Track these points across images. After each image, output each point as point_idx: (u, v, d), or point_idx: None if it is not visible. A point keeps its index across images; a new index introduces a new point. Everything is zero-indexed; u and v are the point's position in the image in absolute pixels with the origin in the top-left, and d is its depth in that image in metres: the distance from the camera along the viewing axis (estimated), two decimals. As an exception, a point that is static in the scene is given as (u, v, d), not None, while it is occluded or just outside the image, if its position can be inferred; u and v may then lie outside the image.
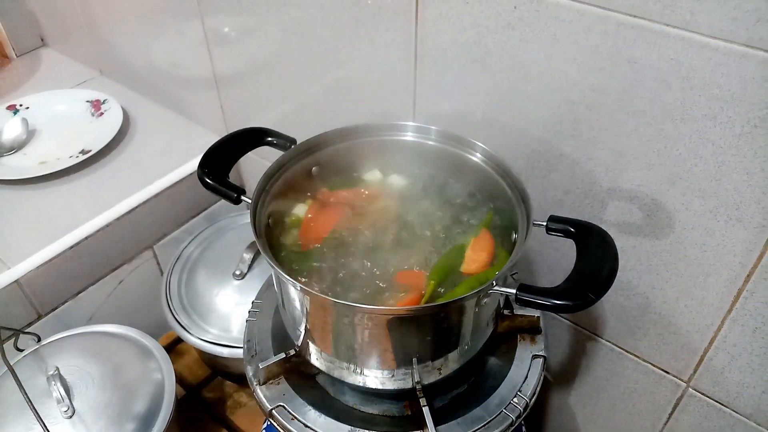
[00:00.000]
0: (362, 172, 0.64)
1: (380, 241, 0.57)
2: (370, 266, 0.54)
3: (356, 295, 0.53)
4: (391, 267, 0.55)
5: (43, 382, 0.77)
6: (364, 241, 0.57)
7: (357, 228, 0.58)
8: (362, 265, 0.55)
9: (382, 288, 0.53)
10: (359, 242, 0.57)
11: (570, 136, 0.65)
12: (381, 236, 0.57)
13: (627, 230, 0.66)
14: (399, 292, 0.53)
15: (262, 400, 0.57)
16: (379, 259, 0.55)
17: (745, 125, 0.53)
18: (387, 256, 0.56)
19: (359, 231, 0.58)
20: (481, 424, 0.54)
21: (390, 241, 0.57)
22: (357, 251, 0.56)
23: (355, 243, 0.57)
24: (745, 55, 0.50)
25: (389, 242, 0.57)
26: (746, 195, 0.56)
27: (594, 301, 0.45)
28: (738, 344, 0.64)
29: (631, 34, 0.55)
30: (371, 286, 0.53)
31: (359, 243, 0.57)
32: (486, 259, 0.54)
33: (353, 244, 0.57)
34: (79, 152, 1.07)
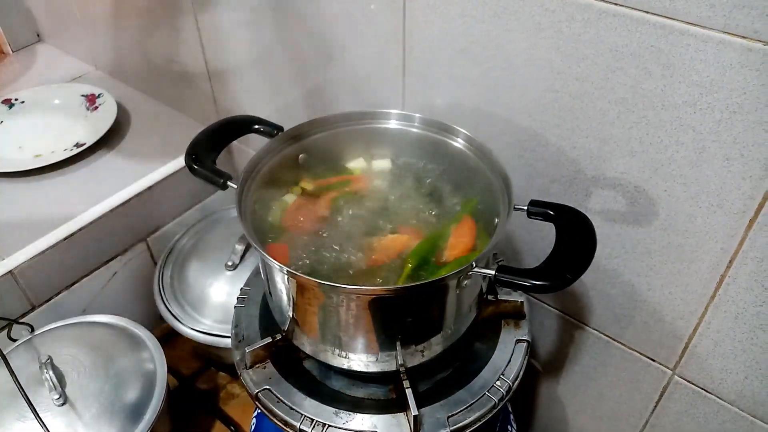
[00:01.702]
0: (348, 159, 0.65)
1: (365, 226, 0.57)
2: (354, 250, 0.55)
3: (340, 278, 0.53)
4: (376, 251, 0.56)
5: (35, 371, 0.78)
6: (349, 227, 0.57)
7: (342, 214, 0.59)
8: (346, 250, 0.55)
9: (365, 271, 0.54)
10: (344, 228, 0.58)
11: (555, 125, 0.66)
12: (365, 222, 0.58)
13: (611, 218, 0.67)
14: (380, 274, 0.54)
15: (249, 383, 0.58)
16: (363, 243, 0.56)
17: (724, 111, 0.53)
18: (372, 240, 0.56)
19: (344, 217, 0.58)
20: (464, 406, 0.55)
21: (375, 227, 0.57)
22: (342, 236, 0.57)
23: (340, 228, 0.58)
24: (722, 41, 0.50)
25: (374, 228, 0.57)
26: (727, 181, 0.56)
27: (571, 281, 0.46)
28: (721, 330, 0.65)
29: (613, 21, 0.55)
30: (355, 268, 0.54)
31: (344, 228, 0.58)
32: (468, 245, 0.55)
33: (338, 229, 0.58)
34: (74, 145, 1.08)
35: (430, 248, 0.54)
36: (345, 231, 0.58)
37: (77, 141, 1.09)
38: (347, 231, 0.58)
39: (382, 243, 0.56)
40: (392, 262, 0.54)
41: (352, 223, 0.58)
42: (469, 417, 0.54)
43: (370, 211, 0.59)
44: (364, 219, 0.59)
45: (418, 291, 0.49)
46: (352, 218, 0.58)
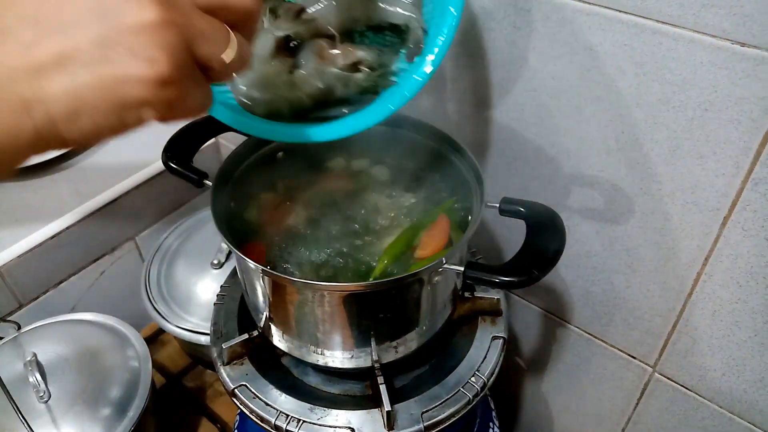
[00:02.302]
0: (326, 158, 0.65)
1: (342, 225, 0.58)
2: (328, 248, 0.56)
3: (314, 275, 0.54)
4: (351, 249, 0.56)
5: (20, 368, 0.78)
6: (323, 225, 0.58)
7: (317, 212, 0.59)
8: (320, 248, 0.56)
9: (341, 269, 0.54)
10: (319, 226, 0.58)
11: (533, 123, 0.66)
12: (342, 221, 0.58)
13: (590, 216, 0.67)
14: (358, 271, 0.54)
15: (226, 379, 0.58)
16: (337, 241, 0.56)
17: (697, 109, 0.54)
18: (347, 239, 0.57)
19: (319, 215, 0.59)
20: (438, 402, 0.55)
21: (350, 225, 0.58)
22: (316, 234, 0.57)
23: (315, 227, 0.58)
24: (693, 39, 0.51)
25: (349, 226, 0.58)
26: (700, 178, 0.57)
27: (539, 277, 0.46)
28: (699, 327, 0.65)
29: (587, 20, 0.56)
30: (329, 266, 0.55)
31: (319, 227, 0.58)
32: (441, 243, 0.55)
33: (313, 227, 0.58)
34: (63, 145, 1.08)
35: (403, 246, 0.54)
36: (321, 229, 0.58)
37: (66, 140, 1.09)
38: (323, 229, 0.58)
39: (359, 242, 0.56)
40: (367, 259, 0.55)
41: (329, 222, 0.58)
42: (443, 413, 0.55)
43: (347, 210, 0.60)
44: (340, 218, 0.59)
45: (389, 287, 0.50)
46: (329, 217, 0.59)
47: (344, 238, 0.58)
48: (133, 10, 0.27)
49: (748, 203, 0.55)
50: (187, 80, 0.29)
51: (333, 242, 0.57)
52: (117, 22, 0.27)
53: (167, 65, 0.28)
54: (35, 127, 0.27)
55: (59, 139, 0.28)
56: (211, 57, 0.30)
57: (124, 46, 0.27)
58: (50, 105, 0.27)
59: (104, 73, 0.27)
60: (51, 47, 0.27)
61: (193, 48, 0.29)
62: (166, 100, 0.29)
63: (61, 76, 0.27)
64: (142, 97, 0.28)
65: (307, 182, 0.63)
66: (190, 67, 0.30)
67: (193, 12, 0.29)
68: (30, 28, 0.27)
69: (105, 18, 0.27)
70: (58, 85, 0.27)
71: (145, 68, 0.27)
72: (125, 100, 0.28)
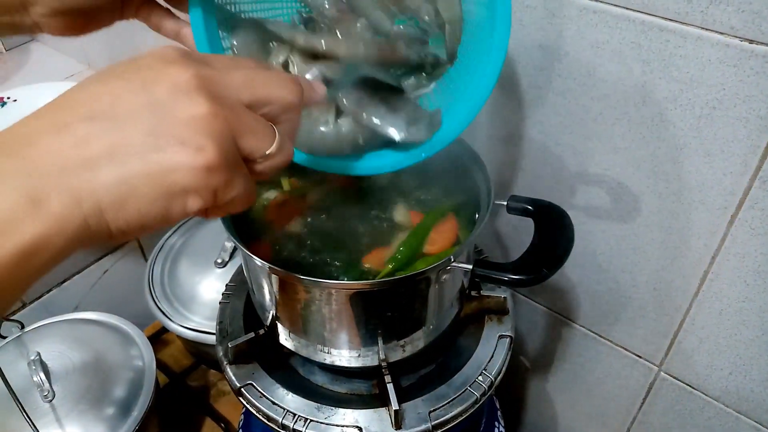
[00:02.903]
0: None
1: (346, 223, 0.58)
2: (334, 246, 0.55)
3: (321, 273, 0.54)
4: (358, 247, 0.56)
5: (24, 368, 0.78)
6: (329, 223, 0.58)
7: (323, 210, 0.59)
8: (327, 246, 0.56)
9: (347, 267, 0.54)
10: (325, 224, 0.58)
11: (538, 122, 0.66)
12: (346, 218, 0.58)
13: (596, 214, 0.67)
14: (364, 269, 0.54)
15: (232, 378, 0.58)
16: (343, 239, 0.56)
17: (704, 107, 0.53)
18: (353, 237, 0.57)
19: (326, 213, 0.59)
20: (446, 401, 0.55)
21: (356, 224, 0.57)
22: (322, 233, 0.57)
23: (321, 225, 0.58)
24: (700, 37, 0.51)
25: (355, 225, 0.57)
26: (708, 177, 0.57)
27: (548, 275, 0.46)
28: (705, 327, 0.65)
29: (594, 18, 0.56)
30: (335, 264, 0.54)
31: (325, 225, 0.58)
32: (448, 241, 0.55)
33: (319, 225, 0.58)
34: (66, 144, 1.08)
35: (411, 246, 0.54)
36: (327, 228, 0.58)
37: (69, 139, 1.09)
38: (329, 228, 0.58)
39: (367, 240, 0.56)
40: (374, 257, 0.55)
41: (335, 220, 0.58)
42: (450, 412, 0.54)
43: (353, 209, 0.59)
44: (347, 216, 0.59)
45: (397, 285, 0.49)
46: (335, 215, 0.59)
47: (350, 236, 0.57)
48: (185, 104, 0.29)
49: (755, 201, 0.55)
50: (232, 170, 0.30)
51: (339, 240, 0.57)
52: (169, 115, 0.29)
53: (214, 153, 0.29)
54: (84, 218, 0.27)
55: (106, 230, 0.29)
56: (255, 150, 0.32)
57: (174, 135, 0.28)
58: (100, 194, 0.27)
59: (153, 161, 0.28)
60: (104, 140, 0.28)
61: (239, 140, 0.31)
62: (213, 188, 0.30)
63: (112, 166, 0.28)
64: (189, 184, 0.29)
65: (312, 180, 0.62)
66: (235, 157, 0.31)
67: (240, 108, 0.31)
68: (84, 123, 0.28)
69: (157, 112, 0.29)
70: (109, 175, 0.28)
71: (192, 155, 0.28)
72: (172, 187, 0.29)
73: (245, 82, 0.32)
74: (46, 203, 0.26)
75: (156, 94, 0.29)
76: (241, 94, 0.32)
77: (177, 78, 0.29)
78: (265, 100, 0.33)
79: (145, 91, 0.29)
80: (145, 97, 0.29)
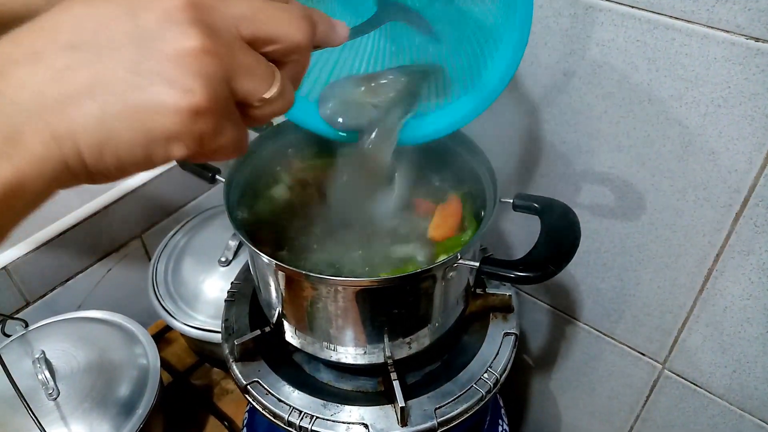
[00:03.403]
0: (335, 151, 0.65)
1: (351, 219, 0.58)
2: (340, 243, 0.56)
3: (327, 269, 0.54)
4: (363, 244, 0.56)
5: (29, 366, 0.78)
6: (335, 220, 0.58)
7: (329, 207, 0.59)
8: (333, 242, 0.56)
9: (352, 263, 0.54)
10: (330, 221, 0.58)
11: (543, 120, 0.66)
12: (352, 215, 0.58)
13: (600, 212, 0.67)
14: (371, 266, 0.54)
15: (238, 376, 0.58)
16: (349, 236, 0.56)
17: (710, 105, 0.54)
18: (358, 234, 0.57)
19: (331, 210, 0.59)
20: (451, 398, 0.55)
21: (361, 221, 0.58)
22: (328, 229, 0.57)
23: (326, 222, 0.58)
24: (706, 35, 0.51)
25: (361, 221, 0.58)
26: (713, 175, 0.57)
27: (554, 272, 0.46)
28: (710, 324, 0.65)
29: (600, 16, 0.56)
30: (342, 261, 0.55)
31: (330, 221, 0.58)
32: (454, 225, 0.55)
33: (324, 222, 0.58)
34: (69, 143, 1.08)
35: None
36: (333, 224, 0.58)
37: (72, 138, 1.10)
38: (335, 224, 0.58)
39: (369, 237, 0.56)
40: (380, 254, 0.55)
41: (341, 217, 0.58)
42: (456, 409, 0.55)
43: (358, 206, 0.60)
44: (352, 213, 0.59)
45: (403, 282, 0.50)
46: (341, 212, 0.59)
47: (356, 232, 0.58)
48: (174, 36, 0.26)
49: (760, 199, 0.55)
50: (222, 116, 0.27)
51: (345, 237, 0.57)
52: (155, 48, 0.26)
53: (203, 96, 0.26)
54: (63, 158, 0.25)
55: (85, 172, 0.26)
56: (251, 94, 0.29)
57: (159, 73, 0.25)
58: (78, 135, 0.25)
59: (133, 101, 0.25)
60: (84, 74, 0.25)
61: (233, 82, 0.28)
62: (199, 134, 0.27)
63: (90, 104, 0.25)
64: (172, 129, 0.26)
65: (318, 177, 0.63)
66: (226, 101, 0.28)
67: (237, 44, 0.28)
68: (64, 53, 0.25)
69: (142, 44, 0.26)
70: (88, 115, 0.25)
71: (178, 97, 0.25)
72: (154, 131, 0.26)
73: (248, 14, 0.28)
74: (22, 142, 0.24)
75: (144, 21, 0.26)
76: (241, 28, 0.28)
77: (169, 3, 0.26)
78: (269, 37, 0.29)
79: (133, 18, 0.26)
80: (131, 25, 0.26)
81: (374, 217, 0.57)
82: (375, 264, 0.55)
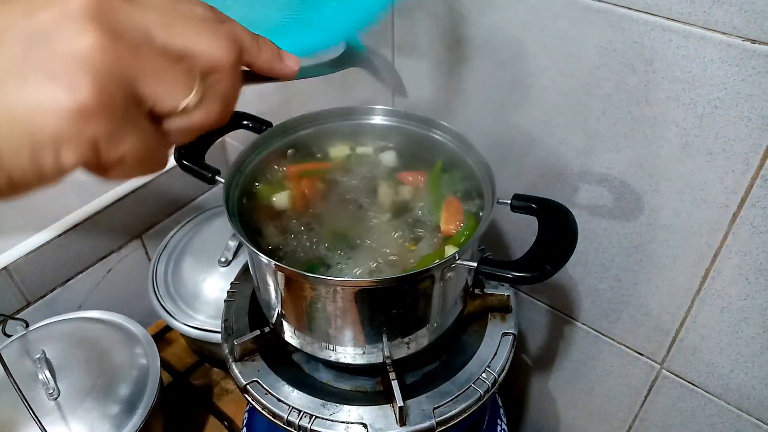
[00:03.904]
0: (335, 153, 0.66)
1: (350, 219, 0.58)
2: (339, 243, 0.56)
3: (326, 269, 0.54)
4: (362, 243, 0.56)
5: (30, 366, 0.79)
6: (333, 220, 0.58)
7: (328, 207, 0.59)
8: (331, 243, 0.56)
9: (351, 261, 0.55)
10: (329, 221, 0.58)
11: (541, 121, 0.66)
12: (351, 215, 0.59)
13: (598, 213, 0.68)
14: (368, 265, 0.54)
15: (238, 375, 0.58)
16: (349, 235, 0.57)
17: (706, 106, 0.54)
18: (357, 233, 0.57)
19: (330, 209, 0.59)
20: (450, 398, 0.55)
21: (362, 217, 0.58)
22: (327, 229, 0.58)
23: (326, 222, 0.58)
24: (703, 37, 0.51)
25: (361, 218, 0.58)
26: (710, 175, 0.57)
27: (552, 273, 0.46)
28: (707, 324, 0.65)
29: (597, 18, 0.56)
30: (340, 260, 0.55)
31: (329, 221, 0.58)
32: (460, 221, 0.56)
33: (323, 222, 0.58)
34: (69, 143, 1.08)
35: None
36: (332, 224, 0.58)
37: (73, 139, 1.10)
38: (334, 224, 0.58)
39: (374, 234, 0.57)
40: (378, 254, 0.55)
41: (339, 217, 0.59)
42: (454, 408, 0.55)
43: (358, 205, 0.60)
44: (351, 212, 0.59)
45: (402, 282, 0.50)
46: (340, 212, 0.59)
47: (355, 232, 0.58)
48: (68, 32, 0.23)
49: (757, 200, 0.55)
50: (119, 120, 0.24)
51: (344, 237, 0.57)
52: (47, 46, 0.23)
53: (90, 92, 0.23)
54: None
55: None
56: (161, 100, 0.26)
57: (46, 71, 0.23)
58: None
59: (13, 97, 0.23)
60: None
61: (139, 85, 0.25)
62: (90, 138, 0.24)
63: None
64: (58, 130, 0.23)
65: (317, 177, 0.63)
66: (126, 104, 0.25)
67: (147, 47, 0.25)
68: None
69: (35, 42, 0.23)
70: None
71: (61, 92, 0.23)
72: (38, 132, 0.23)
73: (162, 22, 0.26)
74: None
75: (40, 20, 0.24)
76: (153, 34, 0.26)
77: (71, 3, 0.24)
78: (184, 49, 0.26)
79: (29, 17, 0.24)
80: (26, 24, 0.24)
81: (372, 216, 0.57)
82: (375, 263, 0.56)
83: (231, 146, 1.13)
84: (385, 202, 0.60)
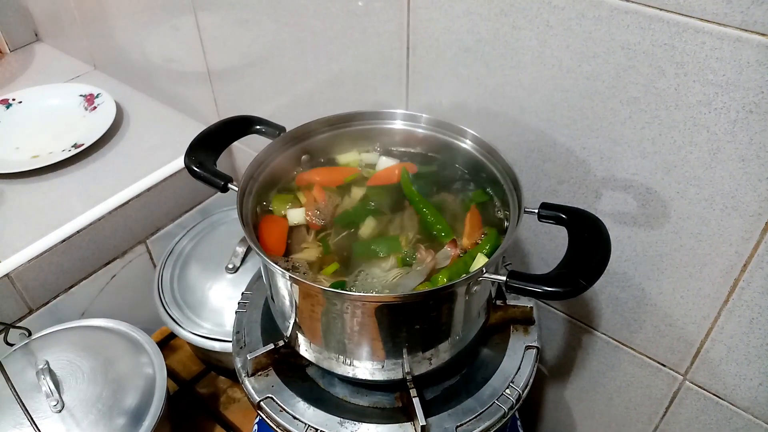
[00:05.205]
0: (350, 159, 0.63)
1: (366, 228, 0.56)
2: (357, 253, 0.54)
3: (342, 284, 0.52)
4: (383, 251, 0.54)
5: (32, 377, 0.77)
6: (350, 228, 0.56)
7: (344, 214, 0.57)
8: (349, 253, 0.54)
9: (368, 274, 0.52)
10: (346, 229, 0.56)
11: (564, 125, 0.64)
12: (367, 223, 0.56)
13: (622, 220, 0.65)
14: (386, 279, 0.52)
15: (251, 391, 0.56)
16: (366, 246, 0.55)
17: (741, 111, 0.52)
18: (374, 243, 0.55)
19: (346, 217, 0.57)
20: (473, 415, 0.53)
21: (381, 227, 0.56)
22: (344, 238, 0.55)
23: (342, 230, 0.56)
24: (739, 38, 0.49)
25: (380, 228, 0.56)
26: (742, 183, 0.55)
27: (585, 288, 0.44)
28: (735, 336, 0.63)
29: (625, 19, 0.54)
30: (358, 273, 0.53)
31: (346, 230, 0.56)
32: (479, 235, 0.53)
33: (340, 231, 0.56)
34: (72, 146, 1.06)
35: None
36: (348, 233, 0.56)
37: (75, 141, 1.08)
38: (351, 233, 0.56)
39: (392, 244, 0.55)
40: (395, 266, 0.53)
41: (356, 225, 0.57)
42: (478, 426, 0.53)
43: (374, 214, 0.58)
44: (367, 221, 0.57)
45: (427, 298, 0.48)
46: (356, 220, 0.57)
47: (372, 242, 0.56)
48: None
49: (793, 208, 0.53)
50: None
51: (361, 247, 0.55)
52: None
53: None
54: None
55: None
56: None
57: None
58: None
59: None
60: None
61: None
62: None
63: None
64: None
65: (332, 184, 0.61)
66: None
67: None
68: None
69: None
70: None
71: None
72: None
73: None
74: None
75: None
76: None
77: None
78: None
79: None
80: None
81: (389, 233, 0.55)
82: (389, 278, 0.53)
83: (238, 149, 1.11)
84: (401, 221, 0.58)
